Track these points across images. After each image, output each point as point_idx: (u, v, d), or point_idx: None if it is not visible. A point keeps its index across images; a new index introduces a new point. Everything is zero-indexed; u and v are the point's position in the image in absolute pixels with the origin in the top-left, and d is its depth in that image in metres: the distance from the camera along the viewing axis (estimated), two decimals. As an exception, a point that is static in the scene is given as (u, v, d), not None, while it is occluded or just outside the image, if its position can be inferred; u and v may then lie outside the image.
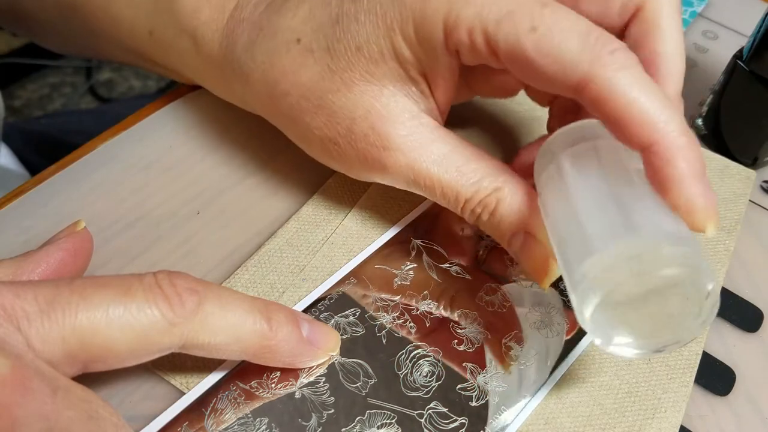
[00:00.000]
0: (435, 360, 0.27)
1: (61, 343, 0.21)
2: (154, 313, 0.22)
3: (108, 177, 0.33)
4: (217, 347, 0.24)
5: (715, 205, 0.22)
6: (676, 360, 0.29)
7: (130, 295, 0.22)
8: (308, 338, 0.26)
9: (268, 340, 0.24)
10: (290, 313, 0.25)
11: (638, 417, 0.27)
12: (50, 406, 0.19)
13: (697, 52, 0.44)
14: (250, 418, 0.25)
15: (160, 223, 0.31)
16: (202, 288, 0.23)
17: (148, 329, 0.22)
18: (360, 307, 0.28)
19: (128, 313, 0.22)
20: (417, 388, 0.26)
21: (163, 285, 0.23)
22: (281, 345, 0.25)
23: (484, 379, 0.27)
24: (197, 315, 0.23)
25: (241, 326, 0.24)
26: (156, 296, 0.22)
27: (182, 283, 0.23)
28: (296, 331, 0.25)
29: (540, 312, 0.29)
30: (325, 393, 0.26)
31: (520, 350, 0.28)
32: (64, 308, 0.21)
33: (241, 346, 0.24)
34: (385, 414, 0.26)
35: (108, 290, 0.22)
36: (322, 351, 0.26)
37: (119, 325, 0.22)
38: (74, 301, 0.21)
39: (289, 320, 0.25)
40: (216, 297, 0.24)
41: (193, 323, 0.23)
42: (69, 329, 0.21)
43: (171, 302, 0.22)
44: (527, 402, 0.27)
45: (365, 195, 0.32)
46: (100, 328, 0.21)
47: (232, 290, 0.25)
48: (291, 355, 0.25)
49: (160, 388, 0.26)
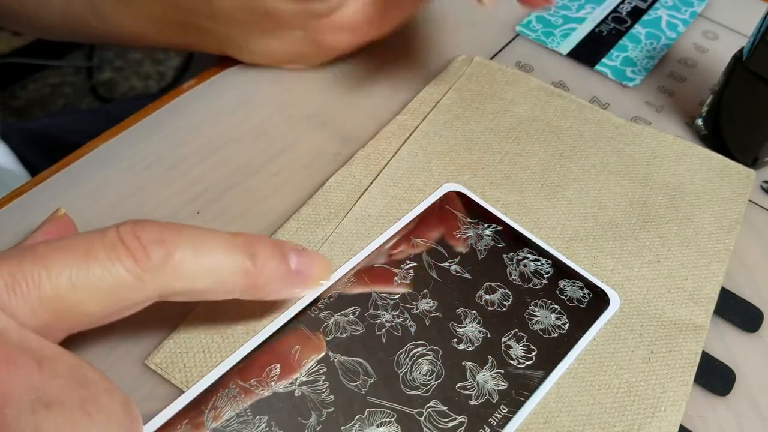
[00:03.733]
0: (434, 359, 0.27)
1: (31, 315, 0.20)
2: (119, 270, 0.21)
3: (108, 177, 0.33)
4: (197, 292, 0.23)
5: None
6: (675, 359, 0.29)
7: (92, 255, 0.21)
8: (296, 269, 0.25)
9: (254, 278, 0.24)
10: (275, 246, 0.24)
11: (638, 416, 0.27)
12: (37, 377, 0.19)
13: (697, 52, 0.44)
14: (249, 416, 0.25)
15: (161, 223, 0.31)
16: (171, 234, 0.22)
17: (116, 288, 0.21)
18: (360, 305, 0.28)
19: (92, 274, 0.21)
20: (416, 387, 0.26)
21: (126, 239, 0.22)
22: (269, 281, 0.24)
23: (483, 377, 0.27)
24: (167, 265, 0.22)
25: (221, 268, 0.23)
26: (119, 252, 0.21)
27: (146, 235, 0.22)
28: (283, 264, 0.24)
29: (540, 311, 0.29)
30: (324, 391, 0.26)
31: (519, 349, 0.28)
32: (27, 280, 0.20)
33: (225, 287, 0.23)
34: (384, 412, 0.26)
35: (69, 253, 0.21)
36: (312, 280, 0.26)
37: (85, 287, 0.21)
38: (36, 270, 0.21)
39: (275, 253, 0.24)
40: (188, 242, 0.22)
41: (164, 274, 0.22)
42: (36, 301, 0.20)
43: (135, 256, 0.21)
44: (527, 400, 0.27)
45: (365, 194, 0.33)
46: (65, 294, 0.21)
47: (211, 230, 0.23)
48: (281, 289, 0.25)
49: (161, 388, 0.26)
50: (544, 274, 0.31)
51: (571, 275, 0.31)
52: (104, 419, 0.20)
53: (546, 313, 0.29)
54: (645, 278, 0.31)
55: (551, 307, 0.30)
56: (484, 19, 0.44)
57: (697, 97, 0.41)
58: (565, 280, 0.31)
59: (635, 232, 0.33)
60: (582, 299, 0.30)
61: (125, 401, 0.21)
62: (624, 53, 0.43)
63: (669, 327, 0.30)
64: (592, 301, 0.30)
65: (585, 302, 0.30)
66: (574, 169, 0.35)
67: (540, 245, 0.32)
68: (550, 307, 0.30)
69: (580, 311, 0.30)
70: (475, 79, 0.39)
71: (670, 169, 0.36)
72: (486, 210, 0.33)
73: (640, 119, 0.39)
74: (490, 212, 0.33)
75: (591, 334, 0.29)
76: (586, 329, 0.29)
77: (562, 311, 0.29)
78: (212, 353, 0.27)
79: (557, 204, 0.34)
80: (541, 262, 0.31)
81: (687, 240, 0.33)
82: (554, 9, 0.46)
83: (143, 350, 0.27)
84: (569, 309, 0.29)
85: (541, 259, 0.31)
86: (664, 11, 0.47)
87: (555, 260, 0.31)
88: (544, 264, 0.31)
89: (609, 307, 0.30)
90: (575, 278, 0.31)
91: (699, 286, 0.31)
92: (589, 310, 0.30)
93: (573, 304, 0.30)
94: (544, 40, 0.43)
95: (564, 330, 0.29)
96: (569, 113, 0.38)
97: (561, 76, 0.41)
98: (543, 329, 0.29)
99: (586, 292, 0.30)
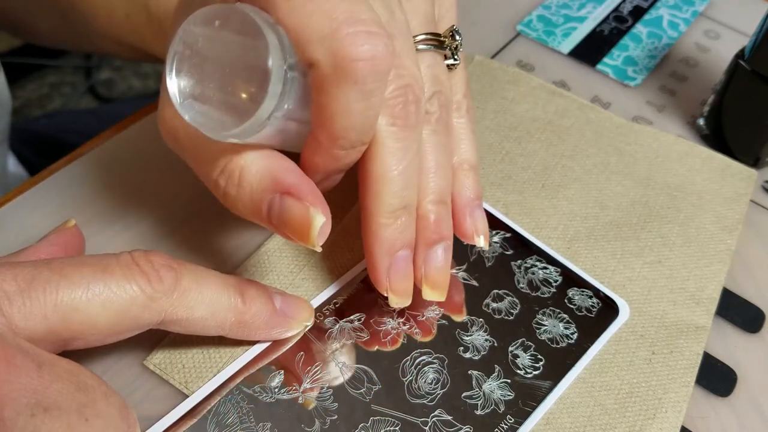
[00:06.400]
0: (440, 367, 0.27)
1: (42, 320, 0.21)
2: (133, 288, 0.22)
3: (108, 177, 0.32)
4: (194, 322, 0.24)
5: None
6: (677, 360, 0.28)
7: (109, 272, 0.22)
8: (281, 310, 0.26)
9: (242, 315, 0.25)
10: (262, 287, 0.26)
11: (639, 417, 0.27)
12: (37, 380, 0.19)
13: (698, 52, 0.44)
14: (252, 422, 0.25)
15: (161, 224, 0.31)
16: (178, 265, 0.24)
17: (128, 305, 0.22)
18: (365, 312, 0.28)
19: (108, 289, 0.22)
20: (422, 396, 0.26)
21: (140, 262, 0.23)
22: (255, 319, 0.25)
23: (490, 387, 0.27)
24: (175, 290, 0.23)
25: (217, 301, 0.24)
26: (134, 272, 0.23)
27: (158, 260, 0.23)
28: (269, 304, 0.26)
29: (548, 320, 0.29)
30: (328, 399, 0.26)
31: (526, 358, 0.28)
32: (44, 286, 0.21)
33: (217, 321, 0.24)
34: (388, 421, 0.25)
35: (86, 268, 0.22)
36: (296, 321, 0.27)
37: (100, 301, 0.22)
38: (54, 279, 0.21)
39: (261, 294, 0.26)
40: (192, 273, 0.24)
41: (171, 298, 0.23)
42: (50, 306, 0.21)
43: (149, 278, 0.23)
44: (534, 411, 0.26)
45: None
46: (81, 304, 0.22)
47: (205, 268, 0.25)
48: (266, 327, 0.26)
49: (159, 389, 0.26)
50: (553, 282, 0.30)
51: (580, 284, 0.30)
52: (101, 424, 0.20)
53: (554, 323, 0.29)
54: (646, 278, 0.31)
55: (559, 316, 0.29)
56: (485, 18, 0.44)
57: (698, 96, 0.41)
58: (573, 288, 0.30)
59: (637, 232, 0.33)
60: (591, 308, 0.30)
61: (122, 406, 0.21)
62: (625, 52, 0.43)
63: (670, 327, 0.30)
64: (601, 311, 0.30)
65: (594, 311, 0.29)
66: (576, 168, 0.35)
67: (549, 253, 0.31)
68: (559, 316, 0.29)
69: (589, 321, 0.29)
70: (475, 78, 0.39)
71: (671, 169, 0.36)
72: (494, 216, 0.32)
73: (641, 119, 0.39)
74: (498, 219, 0.32)
75: (600, 344, 0.28)
76: (595, 339, 0.29)
77: (570, 320, 0.29)
78: (211, 354, 0.26)
79: (558, 204, 0.34)
80: (550, 270, 0.31)
81: (688, 240, 0.33)
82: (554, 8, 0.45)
83: (142, 350, 0.27)
84: (578, 318, 0.29)
85: (550, 267, 0.31)
86: (665, 10, 0.47)
87: (564, 268, 0.31)
88: (553, 272, 0.31)
89: (618, 317, 0.29)
90: (584, 287, 0.30)
91: (700, 287, 0.31)
92: (599, 319, 0.29)
93: (582, 314, 0.29)
94: (545, 39, 0.43)
95: (572, 340, 0.28)
96: (570, 113, 0.38)
97: (562, 76, 0.41)
98: (551, 339, 0.28)
99: (595, 301, 0.30)
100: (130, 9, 0.34)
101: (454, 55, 0.28)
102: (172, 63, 0.22)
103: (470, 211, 0.29)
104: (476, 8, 0.45)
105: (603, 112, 0.38)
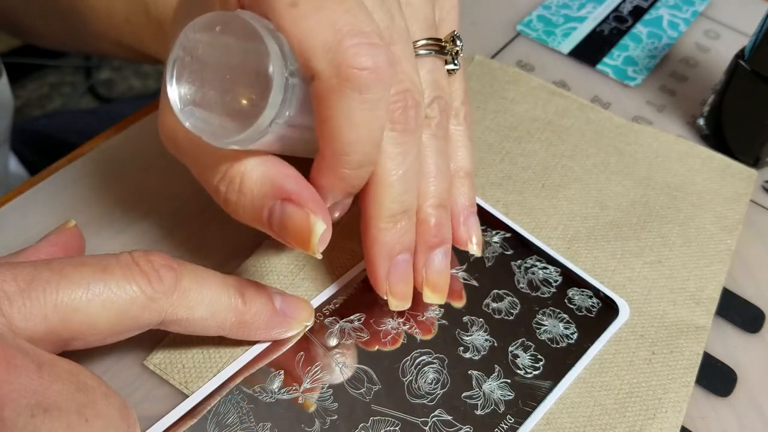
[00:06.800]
0: (440, 367, 0.27)
1: (42, 320, 0.21)
2: (133, 288, 0.22)
3: (108, 177, 0.32)
4: (194, 323, 0.24)
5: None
6: (677, 360, 0.28)
7: (109, 272, 0.22)
8: (281, 310, 0.26)
9: (242, 315, 0.25)
10: (262, 288, 0.26)
11: (639, 417, 0.27)
12: (37, 381, 0.19)
13: (698, 52, 0.44)
14: (252, 422, 0.25)
15: (160, 224, 0.31)
16: (178, 265, 0.24)
17: (128, 305, 0.22)
18: (365, 312, 0.28)
19: (108, 289, 0.22)
20: (422, 396, 0.26)
21: (140, 262, 0.23)
22: (255, 319, 0.25)
23: (490, 387, 0.27)
24: (175, 290, 0.23)
25: (217, 302, 0.24)
26: (134, 273, 0.23)
27: (158, 260, 0.23)
28: (269, 304, 0.26)
29: (548, 320, 0.29)
30: (328, 399, 0.26)
31: (526, 358, 0.28)
32: (44, 287, 0.21)
33: (217, 321, 0.24)
34: (388, 421, 0.25)
35: (86, 269, 0.22)
36: (296, 322, 0.27)
37: (100, 301, 0.22)
38: (54, 279, 0.22)
39: (261, 294, 0.26)
40: (192, 273, 0.24)
41: (171, 298, 0.23)
42: (50, 307, 0.21)
43: (149, 278, 0.23)
44: (534, 411, 0.26)
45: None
46: (81, 305, 0.22)
47: (205, 268, 0.25)
48: (266, 327, 0.26)
49: (159, 389, 0.26)
50: (553, 282, 0.30)
51: (580, 284, 0.30)
52: (101, 424, 0.20)
53: (554, 323, 0.29)
54: (646, 279, 0.31)
55: (560, 316, 0.29)
56: (485, 18, 0.44)
57: (698, 96, 0.41)
58: (574, 288, 0.30)
59: (637, 232, 0.33)
60: (591, 308, 0.30)
61: (122, 406, 0.21)
62: (625, 52, 0.43)
63: (670, 327, 0.30)
64: (601, 311, 0.30)
65: (594, 311, 0.30)
66: (576, 168, 0.35)
67: (549, 253, 0.31)
68: (559, 316, 0.29)
69: (589, 321, 0.29)
70: (475, 78, 0.39)
71: (671, 169, 0.36)
72: (494, 216, 0.32)
73: (641, 119, 0.39)
74: (498, 219, 0.32)
75: (600, 344, 0.28)
76: (595, 339, 0.29)
77: (570, 320, 0.29)
78: (211, 354, 0.26)
79: (558, 204, 0.34)
80: (550, 270, 0.31)
81: (688, 240, 0.33)
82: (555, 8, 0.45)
83: (142, 350, 0.27)
84: (578, 318, 0.29)
85: (550, 267, 0.31)
86: (665, 10, 0.47)
87: (564, 268, 0.31)
88: (553, 272, 0.31)
89: (618, 317, 0.29)
90: (584, 287, 0.30)
91: (700, 287, 0.31)
92: (599, 319, 0.29)
93: (582, 314, 0.29)
94: (545, 39, 0.43)
95: (572, 340, 0.28)
96: (570, 113, 0.38)
97: (562, 76, 0.41)
98: (551, 339, 0.28)
99: (596, 301, 0.30)
100: (130, 11, 0.34)
101: (455, 60, 0.28)
102: (172, 69, 0.22)
103: (465, 218, 0.29)
104: (476, 8, 0.45)
105: (603, 112, 0.38)
